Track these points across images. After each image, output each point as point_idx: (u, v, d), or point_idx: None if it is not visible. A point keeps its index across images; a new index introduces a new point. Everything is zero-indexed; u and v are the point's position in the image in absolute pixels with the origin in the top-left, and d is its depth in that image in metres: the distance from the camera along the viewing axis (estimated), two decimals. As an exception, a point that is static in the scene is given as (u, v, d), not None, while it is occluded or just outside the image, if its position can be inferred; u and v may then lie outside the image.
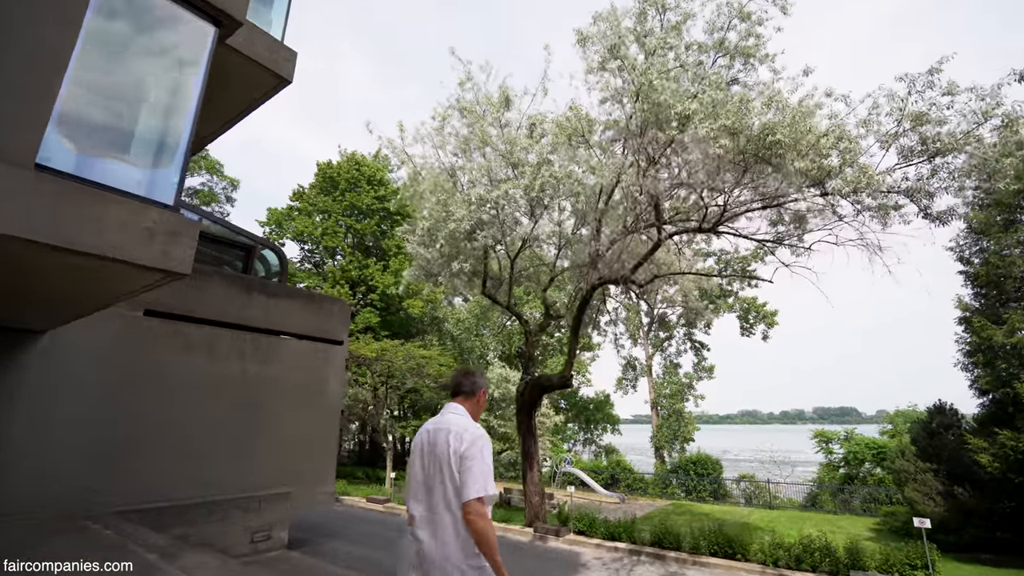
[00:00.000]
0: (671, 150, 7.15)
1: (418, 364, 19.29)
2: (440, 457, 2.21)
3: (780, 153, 6.34)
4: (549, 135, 8.97)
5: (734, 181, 7.15)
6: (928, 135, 5.80)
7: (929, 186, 5.90)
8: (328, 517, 12.91)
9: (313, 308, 10.33)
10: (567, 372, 10.93)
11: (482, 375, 2.67)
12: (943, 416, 12.43)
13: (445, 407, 2.51)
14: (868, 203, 6.80)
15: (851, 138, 6.27)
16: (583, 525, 10.80)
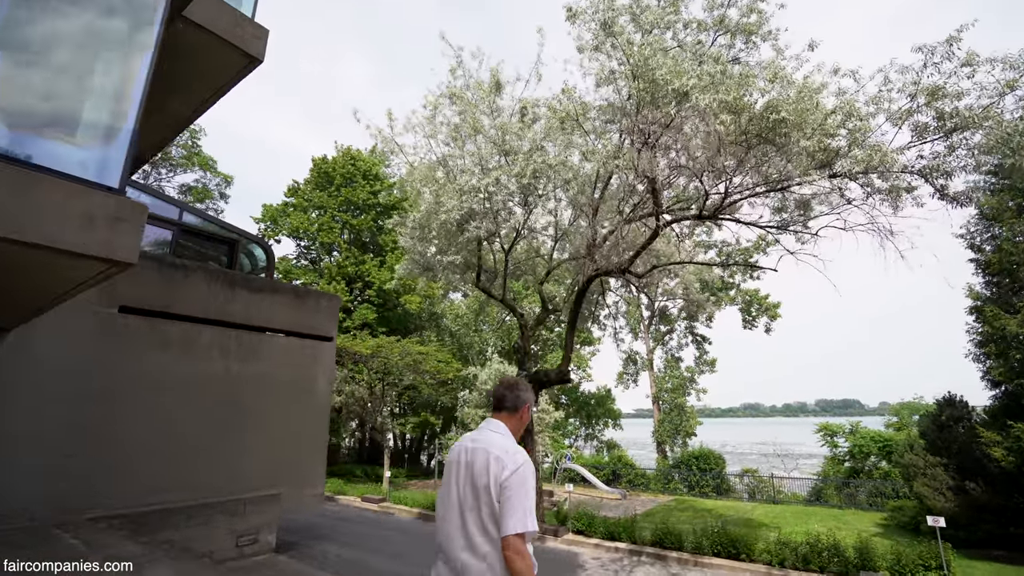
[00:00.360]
0: (669, 131, 6.75)
1: (414, 360, 18.95)
2: (478, 480, 2.01)
3: (784, 132, 5.94)
4: (542, 120, 8.57)
5: (735, 164, 6.75)
6: (945, 110, 5.40)
7: (946, 164, 5.51)
8: (320, 518, 12.61)
9: (300, 303, 9.96)
10: (564, 367, 10.57)
11: (527, 388, 2.39)
12: (953, 408, 12.06)
13: (484, 423, 2.28)
14: (879, 185, 6.41)
15: (861, 115, 5.86)
16: (582, 524, 10.48)
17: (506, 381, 2.35)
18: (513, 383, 2.35)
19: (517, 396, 2.29)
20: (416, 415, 26.82)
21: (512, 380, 2.37)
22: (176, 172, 28.27)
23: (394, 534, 11.23)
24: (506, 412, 2.27)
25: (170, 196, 13.95)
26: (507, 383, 2.34)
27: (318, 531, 11.19)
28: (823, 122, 5.94)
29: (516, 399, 2.29)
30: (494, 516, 1.94)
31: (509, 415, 2.27)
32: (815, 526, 14.67)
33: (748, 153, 6.48)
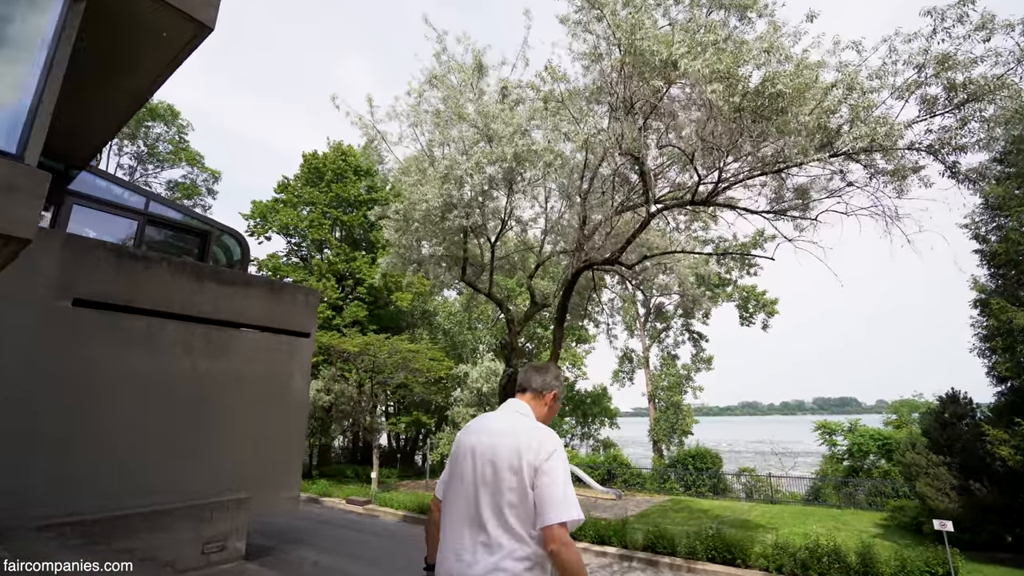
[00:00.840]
0: (657, 111, 6.30)
1: (404, 358, 18.47)
2: (505, 465, 1.73)
3: (782, 107, 5.49)
4: (526, 103, 8.11)
5: (729, 144, 6.30)
6: (957, 80, 4.96)
7: (958, 138, 5.07)
8: (302, 521, 12.14)
9: (275, 298, 9.48)
10: (552, 364, 10.11)
11: (559, 374, 2.20)
12: (956, 405, 11.65)
13: (507, 403, 2.04)
14: (883, 166, 5.96)
15: (864, 89, 5.41)
16: (571, 528, 10.03)
17: (535, 365, 2.17)
18: (544, 367, 2.15)
19: (545, 380, 2.09)
20: (408, 414, 26.35)
21: (543, 364, 2.18)
22: (164, 167, 27.74)
23: (376, 538, 10.77)
24: (531, 393, 2.06)
25: (136, 184, 13.43)
26: (537, 366, 2.16)
27: (297, 535, 10.73)
28: (823, 97, 5.49)
29: (544, 382, 2.08)
30: (527, 509, 1.67)
31: (534, 397, 2.05)
32: (814, 527, 14.29)
33: (743, 132, 6.03)
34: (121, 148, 26.53)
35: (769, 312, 24.02)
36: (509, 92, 8.12)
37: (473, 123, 8.49)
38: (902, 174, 5.87)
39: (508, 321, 10.92)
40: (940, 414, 11.87)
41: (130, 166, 27.07)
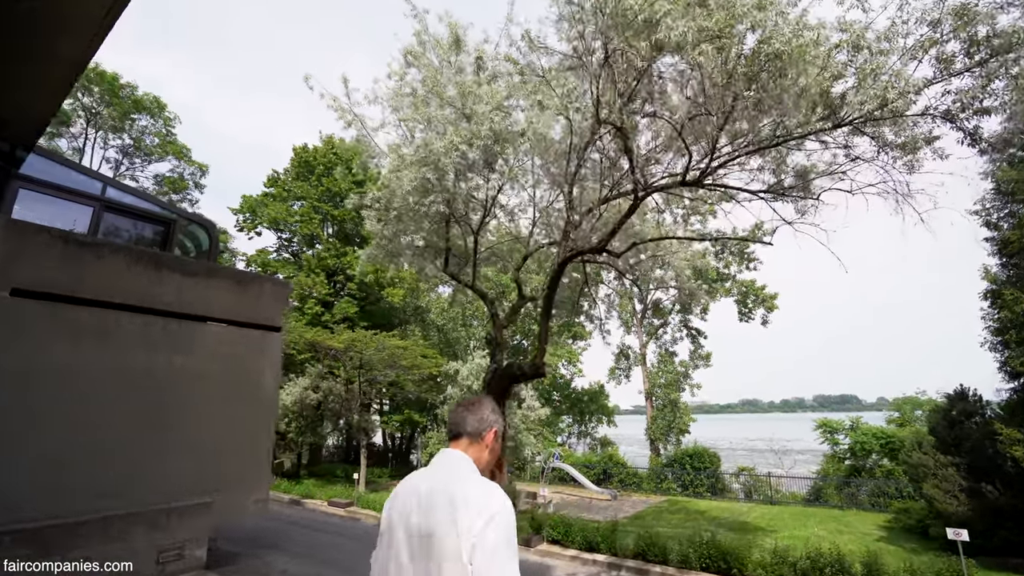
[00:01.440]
0: (642, 76, 5.71)
1: (391, 355, 17.90)
2: (436, 538, 1.44)
3: (780, 69, 4.90)
4: (503, 77, 7.52)
5: (722, 116, 5.71)
6: (978, 35, 4.37)
7: (979, 101, 4.49)
8: (276, 524, 11.60)
9: (242, 289, 8.87)
10: (539, 360, 9.53)
11: (493, 408, 1.87)
12: (965, 403, 11.07)
13: (438, 457, 1.73)
14: (892, 139, 5.38)
15: (873, 48, 4.82)
16: (558, 533, 9.48)
17: (465, 401, 1.88)
18: (476, 403, 1.84)
19: (480, 418, 1.77)
20: (400, 412, 25.80)
21: (474, 400, 1.87)
22: (151, 161, 27.15)
23: (353, 543, 10.23)
24: (467, 439, 1.74)
25: (91, 169, 12.84)
26: (468, 403, 1.85)
27: (270, 539, 10.18)
28: (826, 59, 4.90)
29: (479, 422, 1.76)
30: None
31: (471, 443, 1.74)
32: (815, 530, 13.74)
33: (736, 102, 5.43)
34: (107, 141, 25.95)
35: (768, 307, 23.44)
36: (485, 64, 7.53)
37: (450, 101, 7.91)
38: (914, 146, 5.28)
39: (492, 315, 10.36)
40: (948, 412, 11.30)
41: (116, 159, 26.50)
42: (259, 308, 9.11)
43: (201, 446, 7.78)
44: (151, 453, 7.07)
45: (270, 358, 9.32)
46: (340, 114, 10.26)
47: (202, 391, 7.90)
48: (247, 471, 8.66)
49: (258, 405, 8.88)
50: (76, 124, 24.26)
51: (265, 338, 9.19)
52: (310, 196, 27.16)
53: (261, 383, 9.05)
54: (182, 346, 7.84)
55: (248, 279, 9.52)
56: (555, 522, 9.75)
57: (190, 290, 8.07)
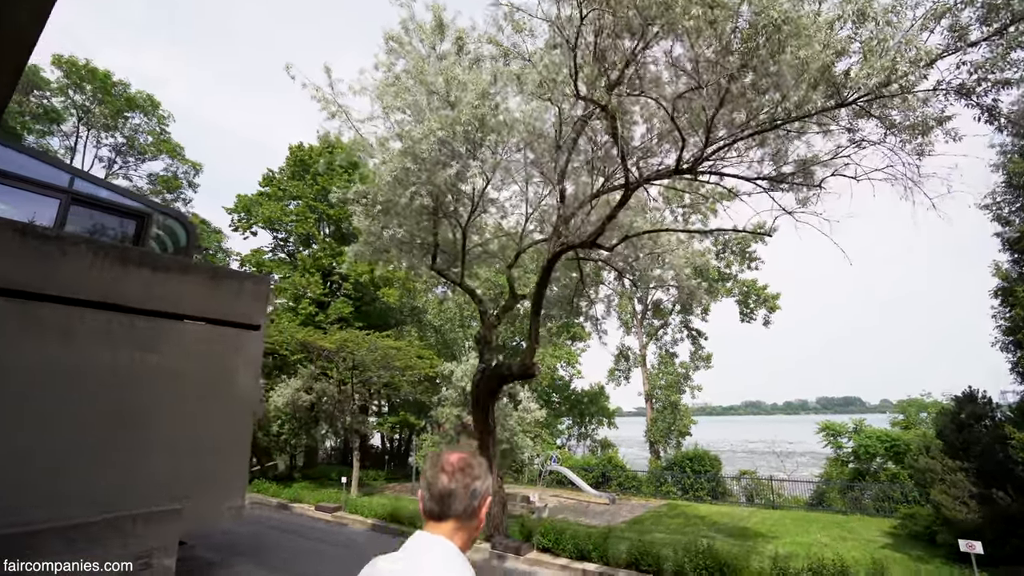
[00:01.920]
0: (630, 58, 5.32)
1: (384, 355, 17.52)
2: None
3: (779, 43, 4.51)
4: (486, 60, 7.15)
5: (719, 96, 5.32)
6: (996, 1, 3.97)
7: (998, 72, 4.08)
8: (259, 529, 11.22)
9: (218, 285, 8.48)
10: (529, 360, 9.15)
11: (483, 463, 1.38)
12: (974, 405, 10.63)
13: (416, 547, 1.24)
14: (900, 120, 4.98)
15: (880, 18, 4.42)
16: (548, 541, 9.07)
17: (450, 462, 1.32)
18: (462, 466, 1.32)
19: (472, 490, 1.30)
20: (395, 414, 25.43)
21: (459, 460, 1.33)
22: (144, 159, 26.85)
23: (336, 550, 9.84)
24: (454, 521, 1.28)
25: (58, 159, 12.50)
26: (452, 466, 1.32)
27: (250, 547, 9.80)
28: (828, 31, 4.50)
29: (471, 496, 1.30)
30: None
31: (460, 526, 1.29)
32: (818, 536, 13.30)
33: (732, 80, 5.04)
34: (100, 140, 25.68)
35: (771, 307, 22.99)
36: (466, 47, 7.15)
37: (432, 88, 7.53)
38: (924, 127, 4.87)
39: (481, 314, 9.98)
40: (956, 415, 10.86)
41: (109, 159, 26.22)
42: (237, 305, 8.72)
43: (171, 449, 7.39)
44: (117, 456, 6.68)
45: (248, 357, 8.92)
46: (323, 105, 9.88)
47: (173, 392, 7.51)
48: (221, 476, 8.26)
49: (235, 407, 8.48)
50: (68, 122, 23.99)
51: (243, 336, 8.81)
52: (305, 195, 26.83)
53: (238, 383, 8.65)
54: (152, 344, 7.45)
55: (225, 275, 9.12)
56: (546, 529, 9.34)
57: (160, 286, 7.68)
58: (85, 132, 24.70)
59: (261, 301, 10.36)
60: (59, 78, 22.80)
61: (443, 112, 7.12)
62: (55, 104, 23.02)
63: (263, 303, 10.39)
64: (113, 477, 6.99)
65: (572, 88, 5.32)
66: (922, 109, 4.81)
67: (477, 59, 7.30)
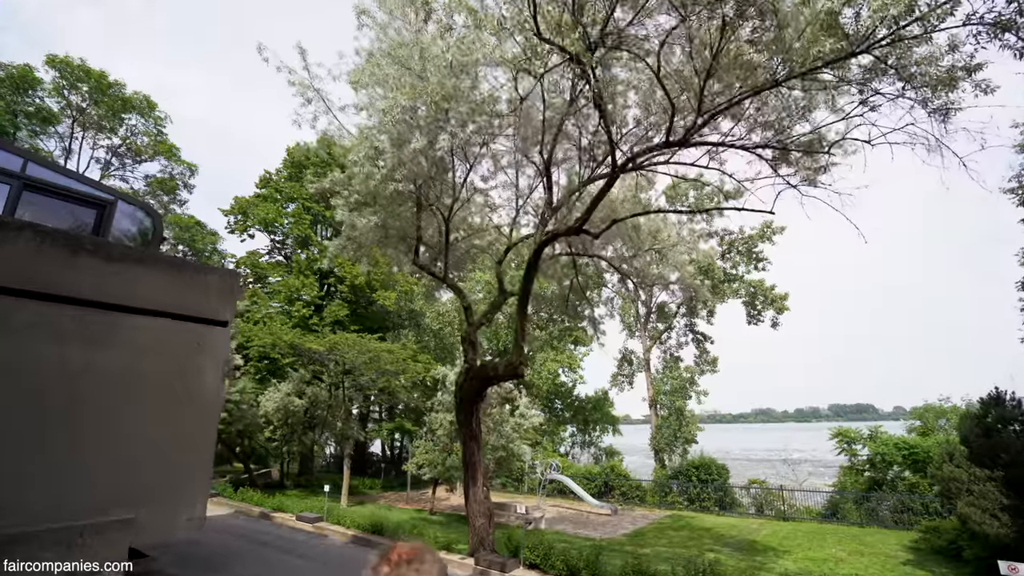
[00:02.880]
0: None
1: (375, 357, 16.89)
2: None
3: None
4: (457, 29, 6.55)
5: (711, 54, 4.65)
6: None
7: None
8: (230, 540, 10.57)
9: (180, 278, 7.91)
10: (516, 359, 8.47)
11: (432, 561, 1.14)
12: (1002, 408, 9.78)
13: None
14: (920, 71, 4.28)
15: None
16: (536, 557, 8.32)
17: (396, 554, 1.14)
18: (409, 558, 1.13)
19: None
20: (391, 420, 24.78)
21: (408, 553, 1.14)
22: (142, 160, 26.58)
23: (309, 564, 9.16)
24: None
25: (10, 142, 12.03)
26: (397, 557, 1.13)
27: (219, 560, 9.14)
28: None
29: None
30: None
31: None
32: (832, 550, 12.41)
33: (725, 32, 4.38)
34: (96, 142, 25.47)
35: (779, 308, 22.12)
36: (435, 13, 6.55)
37: (401, 60, 6.93)
38: (950, 79, 4.17)
39: (465, 309, 9.33)
40: (982, 419, 10.01)
41: (106, 160, 26.00)
42: (202, 300, 8.12)
43: (125, 454, 6.78)
44: (62, 461, 6.08)
45: (214, 356, 8.30)
46: (299, 89, 9.32)
47: (129, 391, 6.91)
48: (181, 483, 7.63)
49: (198, 408, 7.87)
50: (63, 124, 23.79)
51: (207, 333, 8.21)
52: (302, 196, 26.43)
53: (202, 384, 8.03)
54: (105, 340, 6.85)
55: (189, 268, 8.55)
56: (534, 544, 8.60)
57: (114, 277, 7.12)
58: (81, 133, 24.50)
59: (229, 296, 9.65)
60: (54, 78, 22.62)
61: (408, 81, 6.52)
62: (50, 105, 22.81)
63: (231, 298, 9.67)
64: (57, 484, 6.29)
65: (532, 24, 4.68)
66: (949, 56, 4.11)
67: (448, 27, 6.69)
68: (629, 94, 6.60)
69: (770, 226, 23.51)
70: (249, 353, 21.72)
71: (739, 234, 24.00)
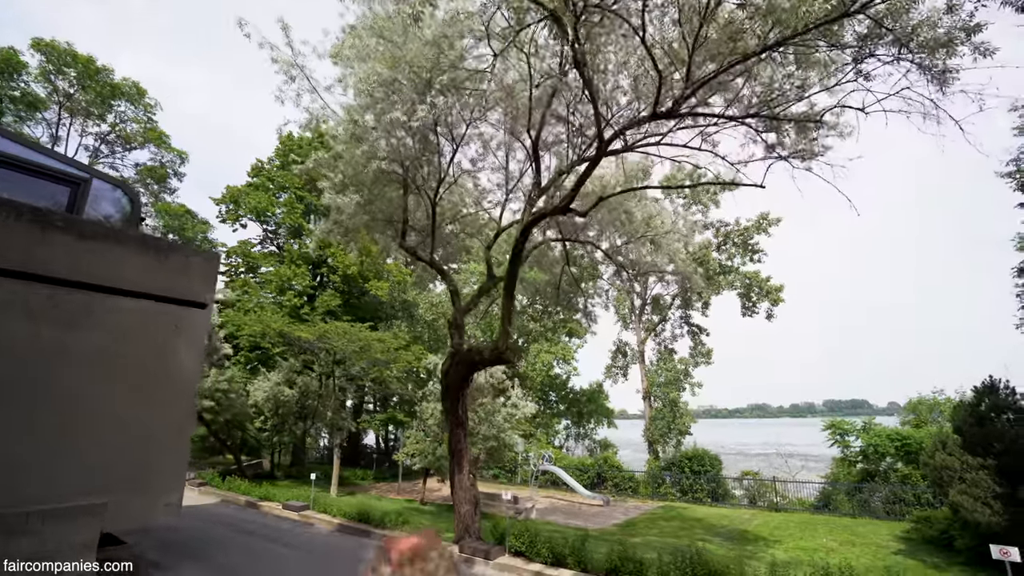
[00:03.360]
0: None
1: (365, 346, 16.69)
2: None
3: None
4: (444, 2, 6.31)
5: (699, 19, 4.44)
6: None
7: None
8: (217, 529, 10.40)
9: (159, 258, 7.73)
10: (502, 343, 8.29)
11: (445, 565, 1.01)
12: (995, 396, 9.66)
13: None
14: (918, 36, 4.09)
15: None
16: (522, 544, 8.18)
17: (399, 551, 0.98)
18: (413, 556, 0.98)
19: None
20: (384, 410, 24.63)
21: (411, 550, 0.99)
22: (131, 147, 26.19)
23: (293, 552, 9.00)
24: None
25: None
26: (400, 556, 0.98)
27: (200, 547, 8.98)
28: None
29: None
30: None
31: None
32: (823, 540, 12.33)
33: None
34: (84, 128, 25.07)
35: (773, 300, 21.99)
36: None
37: (384, 33, 6.69)
38: (949, 42, 3.98)
39: (452, 293, 9.13)
40: (975, 407, 9.89)
41: (95, 147, 25.61)
42: (182, 281, 7.91)
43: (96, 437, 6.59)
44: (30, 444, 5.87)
45: (191, 338, 8.10)
46: (282, 66, 9.05)
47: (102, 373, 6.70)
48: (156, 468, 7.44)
49: (174, 392, 7.68)
50: (52, 110, 23.38)
51: (185, 315, 8.00)
52: (294, 186, 26.12)
53: (179, 367, 7.84)
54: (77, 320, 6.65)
55: (168, 248, 8.34)
56: (519, 531, 8.45)
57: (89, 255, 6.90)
58: (68, 120, 24.09)
59: (209, 278, 9.41)
60: (41, 62, 22.19)
61: (389, 52, 6.28)
62: (37, 90, 22.39)
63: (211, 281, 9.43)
64: (24, 466, 6.07)
65: None
66: (947, 18, 3.92)
67: (430, 0, 6.46)
68: (619, 74, 6.39)
69: (766, 218, 23.36)
70: (240, 343, 21.51)
71: (735, 226, 23.83)
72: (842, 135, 4.80)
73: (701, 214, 24.47)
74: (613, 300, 26.59)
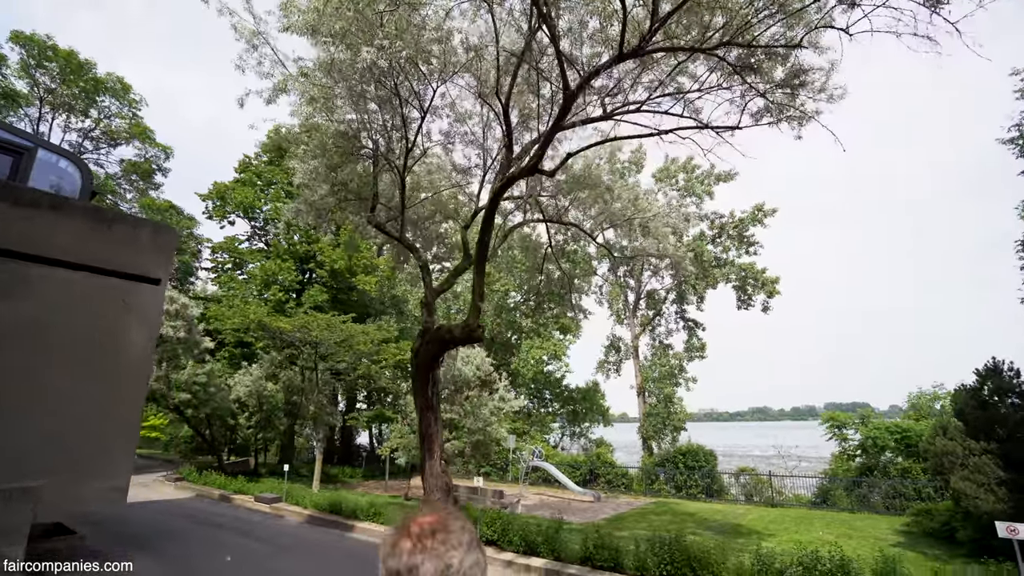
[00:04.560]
0: None
1: (347, 338, 16.19)
2: None
3: None
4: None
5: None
6: None
7: None
8: (177, 520, 9.89)
9: (104, 229, 7.23)
10: (472, 321, 7.80)
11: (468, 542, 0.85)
12: (999, 379, 9.16)
13: None
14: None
15: None
16: (493, 533, 7.67)
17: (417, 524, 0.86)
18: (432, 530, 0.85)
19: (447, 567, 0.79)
20: (371, 407, 24.08)
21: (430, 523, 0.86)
22: (116, 143, 25.78)
23: (256, 544, 8.50)
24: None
25: None
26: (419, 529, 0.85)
27: (154, 538, 8.48)
28: None
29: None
30: None
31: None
32: (819, 534, 11.78)
33: None
34: (67, 125, 24.67)
35: (769, 292, 21.48)
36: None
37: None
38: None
39: (422, 268, 8.64)
40: (977, 391, 9.39)
41: (78, 143, 25.19)
42: (129, 254, 7.43)
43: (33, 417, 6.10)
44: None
45: (142, 315, 7.60)
46: (244, 37, 8.57)
47: (37, 348, 6.22)
48: (99, 451, 6.93)
49: (123, 371, 7.18)
50: (33, 106, 22.98)
51: (134, 291, 7.51)
52: (282, 180, 25.68)
53: (128, 345, 7.33)
54: (8, 291, 6.18)
55: (115, 218, 7.85)
56: (491, 519, 7.94)
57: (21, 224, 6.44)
58: (51, 115, 23.70)
59: (164, 253, 8.80)
60: (21, 56, 21.82)
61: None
62: (17, 85, 21.99)
63: (166, 256, 8.83)
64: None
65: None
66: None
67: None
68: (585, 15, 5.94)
69: (761, 208, 22.89)
70: (225, 338, 21.02)
71: (730, 218, 23.36)
72: (826, 70, 4.33)
73: (695, 206, 24.03)
74: (607, 295, 26.16)
